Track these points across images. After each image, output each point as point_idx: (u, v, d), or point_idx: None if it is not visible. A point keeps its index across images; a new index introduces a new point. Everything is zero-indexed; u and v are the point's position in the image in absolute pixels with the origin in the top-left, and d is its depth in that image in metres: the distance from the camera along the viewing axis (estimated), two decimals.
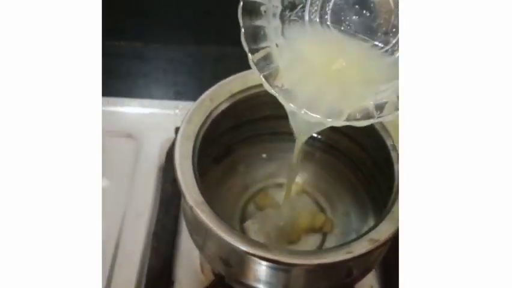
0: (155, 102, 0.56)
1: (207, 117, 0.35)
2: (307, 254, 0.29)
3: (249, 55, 0.29)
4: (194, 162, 0.33)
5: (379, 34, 0.28)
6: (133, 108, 0.55)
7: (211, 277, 0.40)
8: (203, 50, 0.68)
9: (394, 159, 0.34)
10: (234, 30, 0.70)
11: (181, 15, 0.65)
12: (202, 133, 0.35)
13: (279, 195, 0.42)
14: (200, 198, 0.31)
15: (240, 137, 0.42)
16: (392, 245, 0.43)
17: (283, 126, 0.43)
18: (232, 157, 0.43)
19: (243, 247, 0.28)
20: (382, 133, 0.36)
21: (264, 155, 0.43)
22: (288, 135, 0.43)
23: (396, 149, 0.34)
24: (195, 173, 0.32)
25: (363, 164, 0.41)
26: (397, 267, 0.43)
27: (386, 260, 0.44)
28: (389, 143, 0.35)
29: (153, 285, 0.41)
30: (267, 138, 0.43)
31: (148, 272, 0.41)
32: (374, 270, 0.43)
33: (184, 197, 0.31)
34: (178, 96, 0.62)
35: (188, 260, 0.43)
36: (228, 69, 0.38)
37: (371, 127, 0.36)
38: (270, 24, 0.29)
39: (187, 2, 0.64)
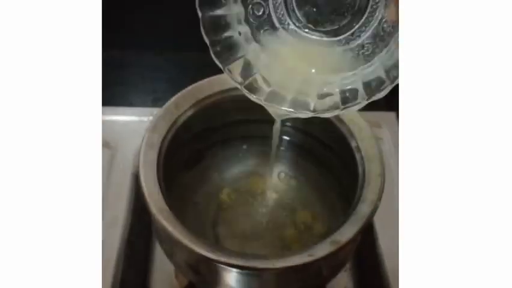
0: (130, 110, 0.56)
1: (172, 124, 0.35)
2: (269, 258, 0.29)
3: (210, 47, 0.29)
4: (159, 170, 0.33)
5: (336, 27, 0.28)
6: (108, 117, 0.55)
7: (186, 283, 0.41)
8: (183, 57, 0.68)
9: (358, 160, 0.34)
10: None
11: (160, 22, 0.65)
12: (167, 141, 0.35)
13: (252, 198, 0.42)
14: (164, 206, 0.31)
15: (211, 142, 0.43)
16: (365, 245, 0.44)
17: (253, 130, 0.43)
18: (204, 162, 0.43)
19: (204, 253, 0.29)
20: (347, 135, 0.36)
21: (236, 160, 0.43)
22: (259, 139, 0.44)
23: (360, 151, 0.35)
24: (159, 181, 0.32)
25: (333, 166, 0.41)
26: (371, 267, 0.43)
27: (360, 260, 0.44)
28: (353, 144, 0.35)
29: None
30: (238, 143, 0.43)
31: (121, 280, 0.41)
32: (348, 270, 0.44)
33: (147, 205, 0.31)
34: (157, 103, 0.62)
35: (163, 267, 0.43)
36: (208, 76, 0.38)
37: (338, 131, 0.37)
38: (232, 11, 0.29)
39: (166, 9, 0.64)
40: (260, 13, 0.29)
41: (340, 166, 0.40)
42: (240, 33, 0.29)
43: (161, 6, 0.63)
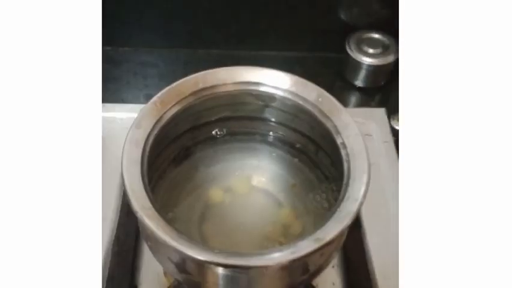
0: (120, 106, 0.55)
1: (157, 121, 0.35)
2: (251, 256, 0.29)
3: None
4: (143, 167, 0.33)
5: None
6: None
7: (174, 281, 0.41)
8: (174, 53, 0.68)
9: (344, 157, 0.34)
10: (205, 33, 0.70)
11: (151, 18, 0.65)
12: (152, 137, 0.35)
13: (239, 196, 0.42)
14: (147, 204, 0.31)
15: (199, 138, 0.42)
16: (353, 242, 0.44)
17: (241, 126, 0.43)
18: (192, 159, 0.43)
19: (188, 251, 0.28)
20: (333, 132, 0.36)
21: (223, 156, 0.43)
22: (247, 135, 0.44)
23: (345, 147, 0.34)
24: (143, 179, 0.32)
25: (321, 163, 0.41)
26: (359, 264, 0.43)
27: (348, 256, 0.44)
28: (338, 141, 0.35)
29: None
30: (227, 139, 0.43)
31: (109, 277, 0.41)
32: (336, 266, 0.44)
33: (131, 203, 0.31)
34: (148, 100, 0.62)
35: (151, 264, 0.43)
36: (198, 72, 0.38)
37: (323, 128, 0.37)
38: None
39: (157, 5, 0.64)
40: None
41: (328, 163, 0.40)
42: None
43: (153, 3, 0.63)
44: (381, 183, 0.47)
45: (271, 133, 0.42)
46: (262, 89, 0.38)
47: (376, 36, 0.59)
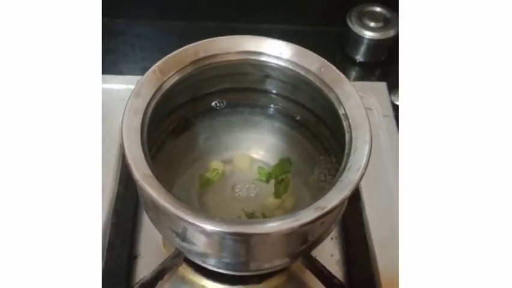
0: (117, 78, 0.54)
1: (157, 90, 0.35)
2: (253, 224, 0.29)
3: None
4: (143, 136, 0.32)
5: None
6: None
7: (174, 251, 0.41)
8: (172, 25, 0.67)
9: (345, 128, 0.34)
10: (202, 5, 0.68)
11: None
12: (152, 106, 0.34)
13: (239, 167, 0.42)
14: (148, 172, 0.30)
15: (198, 110, 0.42)
16: (352, 214, 0.44)
17: (241, 98, 0.43)
18: (192, 130, 0.42)
19: (190, 219, 0.28)
20: (335, 103, 0.35)
21: (224, 128, 0.43)
22: (247, 107, 0.43)
23: (347, 118, 0.34)
24: (143, 147, 0.32)
25: (321, 134, 0.41)
26: (358, 236, 0.43)
27: (347, 228, 0.44)
28: (340, 112, 0.35)
29: (115, 260, 0.41)
30: (227, 111, 0.43)
31: (108, 247, 0.41)
32: (334, 238, 0.44)
33: (131, 171, 0.30)
34: (145, 72, 0.61)
35: (150, 234, 0.43)
36: None
37: (325, 99, 0.36)
38: None
39: None
40: None
41: (328, 135, 0.40)
42: None
43: None
44: (380, 156, 0.47)
45: (271, 105, 0.42)
46: (263, 58, 0.37)
47: (378, 9, 0.58)
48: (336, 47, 0.62)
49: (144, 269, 0.41)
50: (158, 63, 0.35)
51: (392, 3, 0.58)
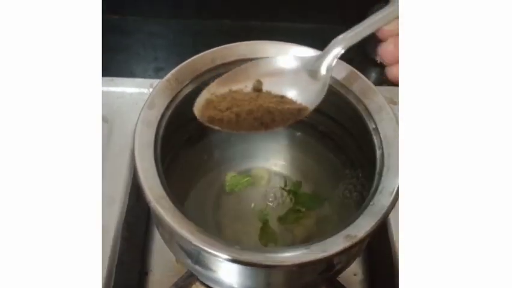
0: (129, 80, 0.52)
1: (172, 100, 0.32)
2: (277, 253, 0.26)
3: None
4: (156, 151, 0.30)
5: None
6: (105, 88, 0.51)
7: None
8: (182, 24, 0.65)
9: (376, 144, 0.31)
10: (215, 3, 0.66)
11: None
12: (166, 118, 0.32)
13: (256, 183, 0.40)
14: (161, 193, 0.28)
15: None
16: (377, 234, 0.41)
17: None
18: (207, 141, 0.40)
19: (206, 247, 0.26)
20: (364, 116, 0.32)
21: (239, 138, 0.40)
22: None
23: (378, 133, 0.31)
24: (156, 163, 0.29)
25: (347, 147, 0.38)
26: (382, 255, 0.41)
27: (371, 247, 0.42)
28: (371, 126, 0.32)
29: (125, 276, 0.39)
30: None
31: (119, 263, 0.39)
32: (358, 258, 0.41)
33: (143, 192, 0.28)
34: (158, 73, 0.59)
35: (163, 249, 0.41)
36: (207, 43, 0.35)
37: (353, 110, 0.33)
38: None
39: None
40: None
41: (354, 148, 0.37)
42: None
43: None
44: None
45: None
46: None
47: None
48: (355, 47, 0.59)
49: (156, 285, 0.39)
50: (173, 71, 0.33)
51: None
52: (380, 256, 0.41)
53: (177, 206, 0.28)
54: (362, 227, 0.27)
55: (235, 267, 0.28)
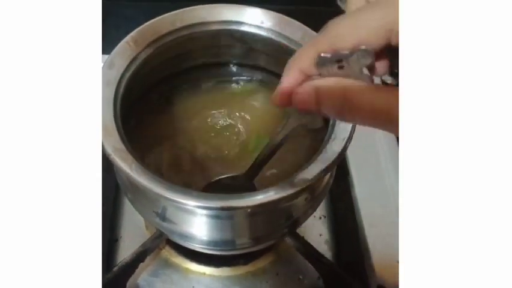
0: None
1: (131, 61, 0.33)
2: (233, 198, 0.27)
3: None
4: (116, 108, 0.31)
5: None
6: None
7: (155, 231, 0.39)
8: (158, 6, 0.65)
9: None
10: None
11: None
12: (126, 78, 0.32)
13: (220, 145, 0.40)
14: (120, 146, 0.29)
15: (179, 86, 0.40)
16: (340, 193, 0.43)
17: (226, 74, 0.41)
18: (172, 108, 0.40)
19: (162, 192, 0.27)
20: None
21: (207, 104, 0.41)
22: (235, 83, 0.41)
23: None
24: (116, 120, 0.30)
25: None
26: (346, 215, 0.42)
27: (335, 208, 0.43)
28: None
29: None
30: (210, 87, 0.41)
31: None
32: (323, 218, 0.43)
33: (103, 144, 0.29)
34: None
35: (133, 217, 0.42)
36: None
37: None
38: None
39: None
40: None
41: None
42: None
43: None
44: (372, 133, 0.46)
45: (254, 78, 0.40)
46: (244, 28, 0.36)
47: None
48: None
49: (126, 251, 0.40)
50: (132, 33, 0.34)
51: None
52: (344, 216, 0.42)
53: (136, 159, 0.28)
54: (313, 171, 0.28)
55: (194, 214, 0.29)
